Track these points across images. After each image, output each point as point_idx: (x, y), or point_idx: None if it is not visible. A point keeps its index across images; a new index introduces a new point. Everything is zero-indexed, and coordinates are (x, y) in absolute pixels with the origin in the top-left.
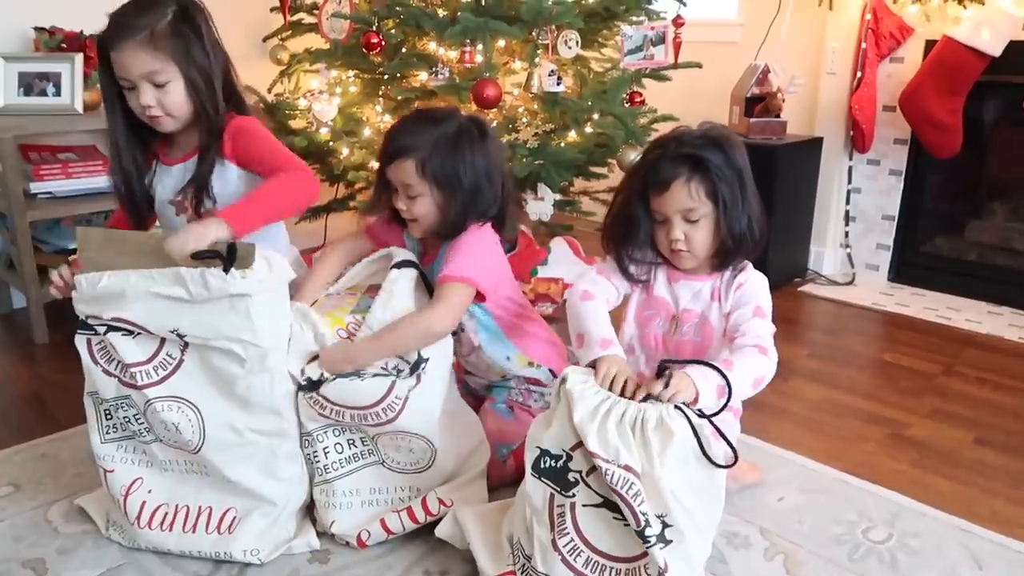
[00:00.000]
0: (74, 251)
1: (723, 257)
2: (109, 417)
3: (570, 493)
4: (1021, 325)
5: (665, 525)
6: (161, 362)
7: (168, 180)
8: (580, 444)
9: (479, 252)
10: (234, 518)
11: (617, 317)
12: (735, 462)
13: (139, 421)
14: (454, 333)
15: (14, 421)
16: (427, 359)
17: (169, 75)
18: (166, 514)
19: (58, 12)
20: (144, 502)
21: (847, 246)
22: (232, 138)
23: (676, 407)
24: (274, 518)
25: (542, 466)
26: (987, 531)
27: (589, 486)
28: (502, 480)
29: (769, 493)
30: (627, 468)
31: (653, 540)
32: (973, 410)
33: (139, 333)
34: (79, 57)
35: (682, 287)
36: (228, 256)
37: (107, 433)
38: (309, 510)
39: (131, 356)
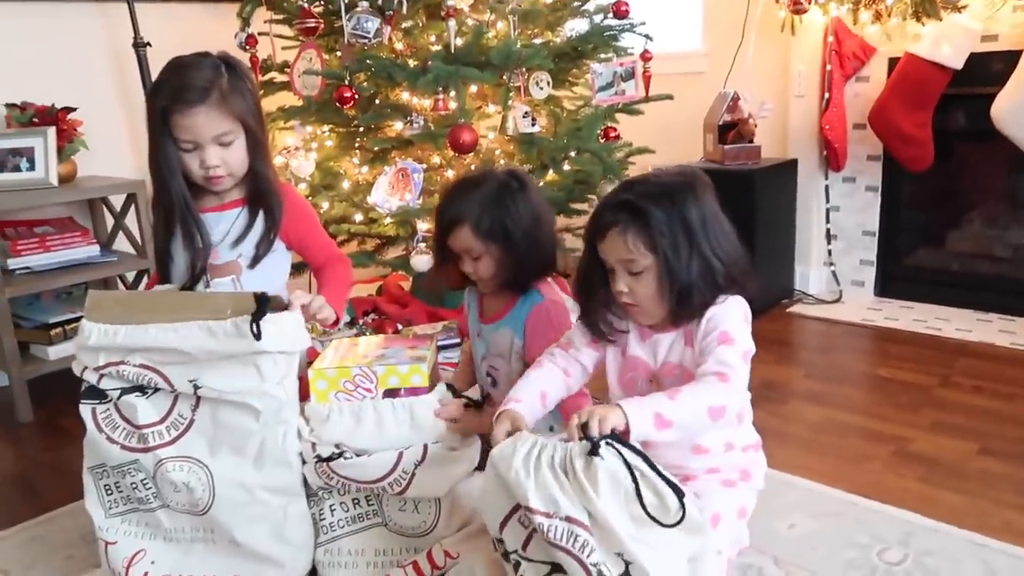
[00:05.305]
0: (55, 325)
1: (684, 307)
2: (111, 492)
3: (519, 574)
4: (1011, 330)
5: (627, 563)
6: (173, 422)
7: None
8: (506, 520)
9: (558, 325)
10: None
11: (602, 388)
12: (682, 516)
13: (147, 486)
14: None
15: (0, 504)
16: None
17: (236, 132)
18: None
19: (27, 87)
20: (147, 573)
21: (831, 264)
22: (290, 214)
23: (607, 443)
24: None
25: (508, 551)
26: (1002, 543)
27: (531, 559)
28: None
29: (779, 520)
30: (569, 519)
31: None
32: (973, 420)
33: (152, 392)
34: (51, 130)
35: (658, 342)
36: (260, 307)
37: (111, 508)
38: None
39: (144, 417)
